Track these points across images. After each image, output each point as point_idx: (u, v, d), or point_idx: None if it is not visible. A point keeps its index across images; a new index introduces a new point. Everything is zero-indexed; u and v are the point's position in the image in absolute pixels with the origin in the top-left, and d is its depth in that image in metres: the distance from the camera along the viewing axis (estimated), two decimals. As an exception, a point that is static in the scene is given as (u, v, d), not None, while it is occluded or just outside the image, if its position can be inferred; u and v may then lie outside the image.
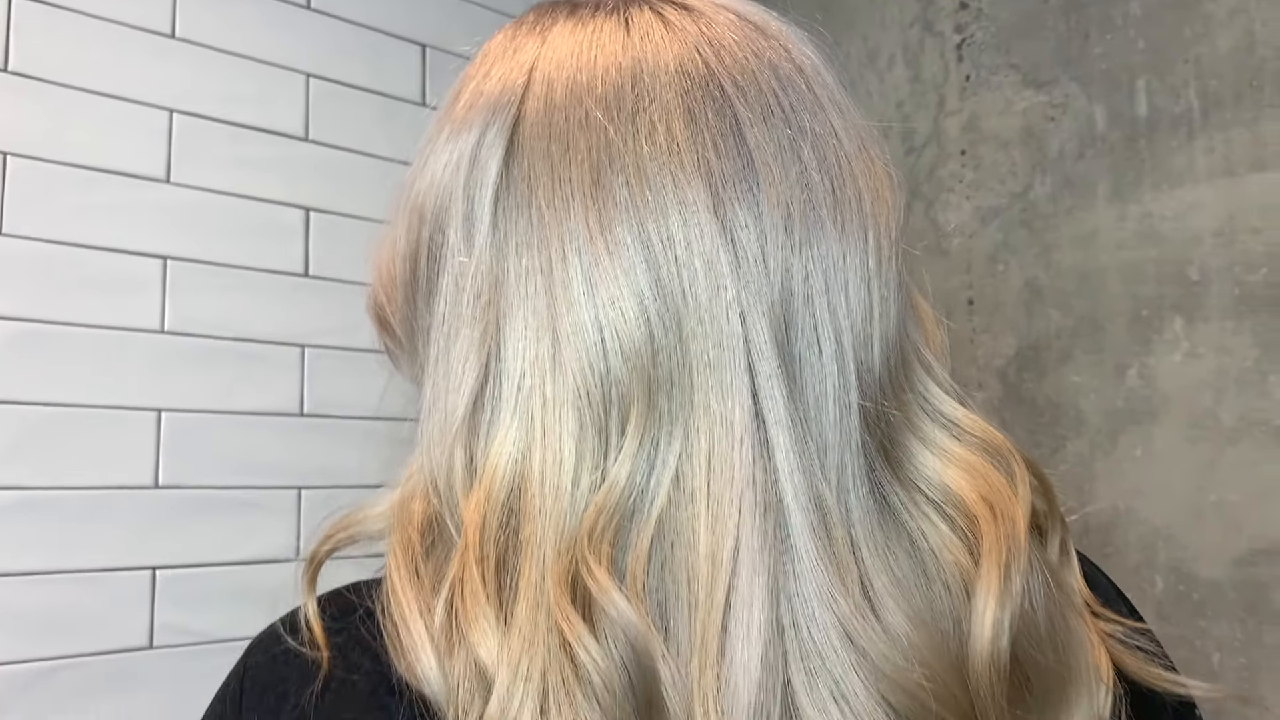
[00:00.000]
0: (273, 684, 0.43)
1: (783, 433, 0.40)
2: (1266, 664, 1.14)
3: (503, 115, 0.45)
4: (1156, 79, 1.26)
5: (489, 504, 0.40)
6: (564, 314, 0.41)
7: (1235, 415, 1.17)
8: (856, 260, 0.43)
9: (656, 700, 0.36)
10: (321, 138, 1.26)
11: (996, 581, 0.40)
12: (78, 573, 1.03)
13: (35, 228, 1.04)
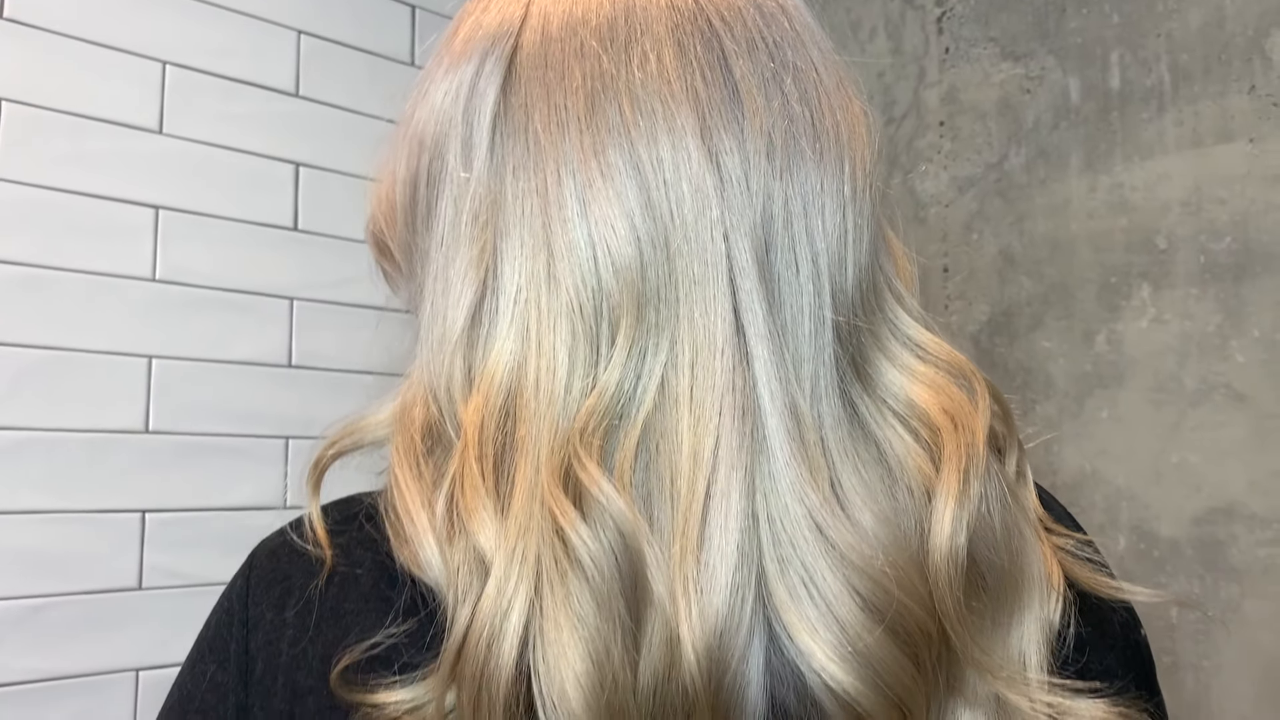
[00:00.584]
0: (278, 579, 0.45)
1: (761, 344, 0.42)
2: (1221, 617, 1.18)
3: (501, 46, 0.48)
4: (1129, 53, 1.30)
5: (487, 407, 0.42)
6: (559, 232, 0.44)
7: (1197, 379, 1.21)
8: (833, 188, 0.46)
9: (641, 581, 0.39)
10: (312, 94, 1.27)
11: (956, 484, 0.43)
12: (70, 513, 1.05)
13: (28, 173, 1.06)
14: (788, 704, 0.40)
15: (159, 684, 1.10)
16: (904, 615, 0.40)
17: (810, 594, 0.40)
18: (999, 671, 0.43)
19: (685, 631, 0.38)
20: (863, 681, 0.39)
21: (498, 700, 0.38)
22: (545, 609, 0.38)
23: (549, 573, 0.39)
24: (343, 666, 0.40)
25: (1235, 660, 1.17)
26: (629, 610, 0.39)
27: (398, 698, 0.40)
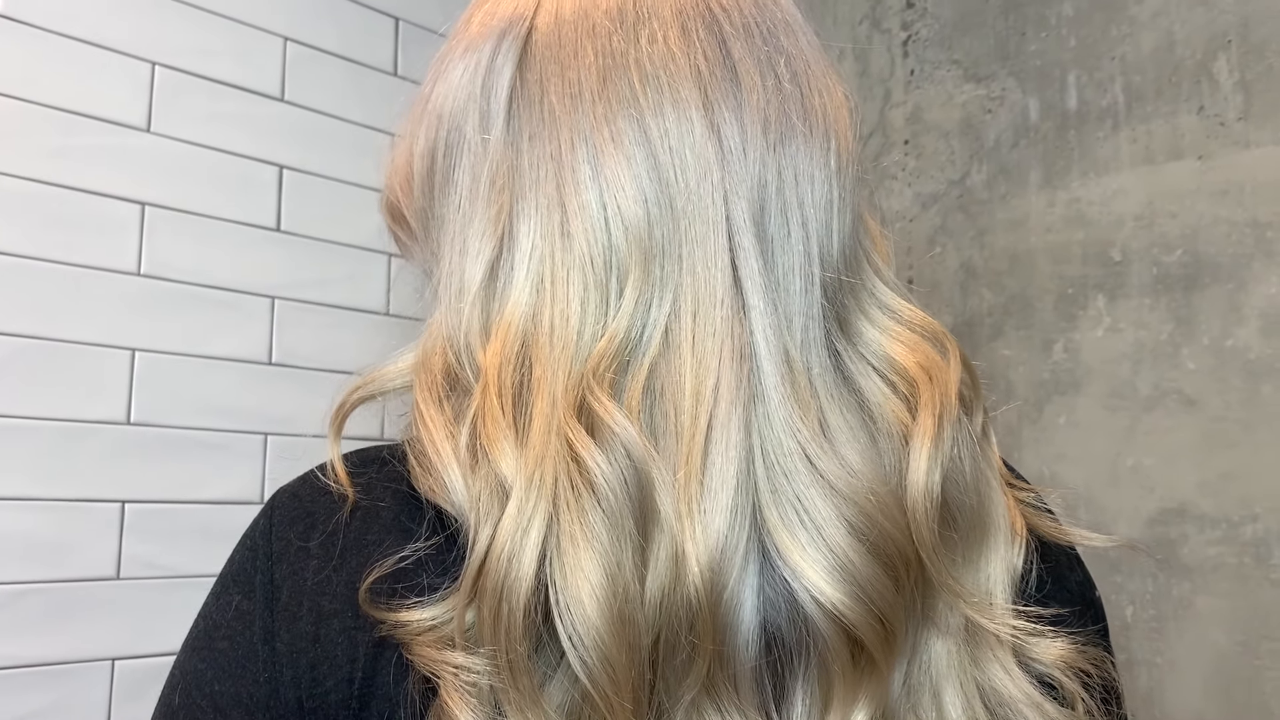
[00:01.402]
0: (301, 515, 0.48)
1: (757, 297, 0.47)
2: (1173, 615, 1.24)
3: (517, 28, 0.52)
4: (1086, 74, 1.37)
5: (504, 351, 0.46)
6: (572, 193, 0.48)
7: (1150, 385, 1.27)
8: (820, 161, 0.50)
9: (650, 502, 0.43)
10: (296, 99, 1.31)
11: (931, 427, 0.47)
12: (51, 501, 1.07)
13: (19, 165, 1.08)
14: (780, 627, 0.44)
15: (134, 673, 1.11)
16: (885, 540, 0.45)
17: (801, 519, 0.44)
18: (969, 598, 0.47)
19: (690, 548, 0.42)
20: (849, 596, 0.43)
21: (517, 610, 0.41)
22: (562, 527, 0.42)
23: (565, 495, 0.43)
24: (367, 587, 0.44)
25: (1186, 656, 1.22)
26: (638, 528, 0.43)
27: (420, 616, 0.43)
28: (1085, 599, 0.57)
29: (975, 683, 0.48)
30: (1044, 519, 0.54)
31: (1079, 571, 0.59)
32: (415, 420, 0.47)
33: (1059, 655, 0.50)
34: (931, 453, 0.47)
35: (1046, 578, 0.53)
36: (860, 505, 0.44)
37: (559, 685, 0.42)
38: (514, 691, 0.41)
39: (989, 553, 0.50)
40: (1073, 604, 0.55)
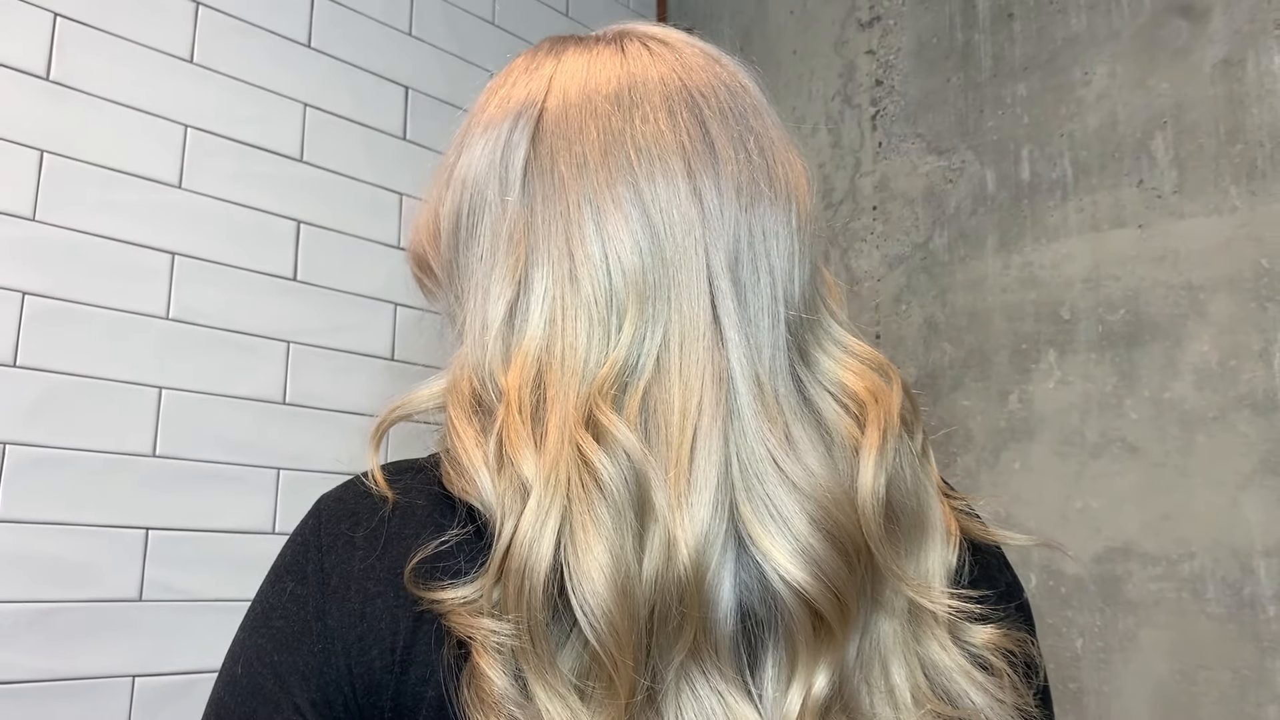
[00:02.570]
0: (346, 514, 0.56)
1: (733, 330, 0.56)
2: (1118, 646, 1.32)
3: (530, 111, 0.62)
4: (1038, 149, 1.48)
5: (523, 375, 0.55)
6: (579, 245, 0.57)
7: (1097, 433, 1.37)
8: (784, 220, 0.59)
9: (647, 497, 0.51)
10: (314, 160, 1.40)
11: (877, 440, 0.56)
12: (81, 526, 1.14)
13: (63, 217, 1.16)
14: (753, 603, 0.52)
15: (154, 690, 1.17)
16: (840, 530, 0.53)
17: (770, 512, 0.53)
18: (911, 582, 0.56)
19: (679, 535, 0.51)
20: (810, 576, 0.51)
21: (538, 586, 0.49)
22: (574, 518, 0.50)
23: (577, 491, 0.51)
24: (411, 570, 0.51)
25: (1131, 684, 1.30)
26: (637, 518, 0.51)
27: (455, 594, 0.51)
28: (1014, 599, 0.66)
29: (917, 656, 0.56)
30: (975, 523, 0.63)
31: (1009, 574, 0.67)
32: (449, 433, 0.55)
33: (988, 639, 0.58)
34: (878, 460, 0.55)
35: (979, 575, 0.61)
36: (819, 501, 0.53)
37: (571, 649, 0.50)
38: (533, 655, 0.49)
39: (928, 548, 0.58)
40: (1001, 599, 0.63)
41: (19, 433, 1.11)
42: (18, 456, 1.10)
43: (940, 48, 1.60)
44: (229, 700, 0.53)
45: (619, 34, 0.65)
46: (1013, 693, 0.57)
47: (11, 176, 1.13)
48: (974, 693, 0.56)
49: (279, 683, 0.52)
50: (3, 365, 1.11)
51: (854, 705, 0.54)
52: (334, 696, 0.51)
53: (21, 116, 1.15)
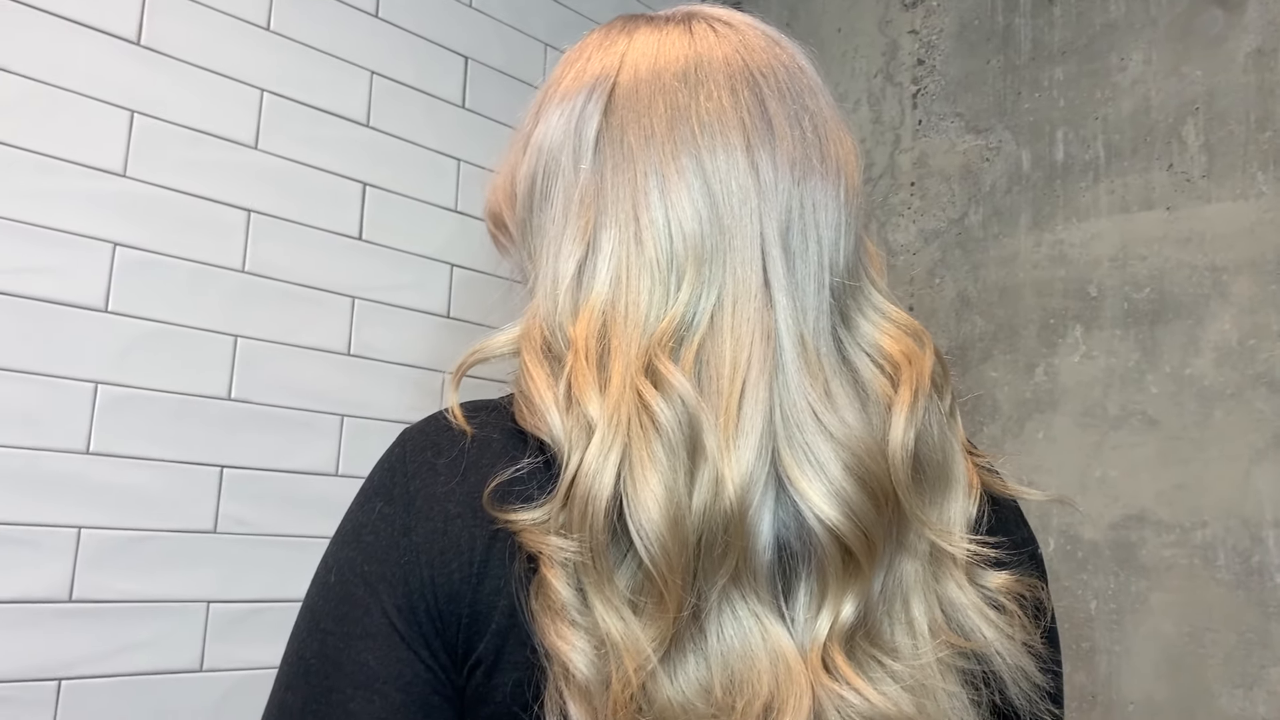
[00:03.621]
0: (429, 445, 0.62)
1: (781, 294, 0.60)
2: (1130, 609, 1.36)
3: (603, 85, 0.66)
4: (1072, 131, 1.50)
5: (590, 327, 0.60)
6: (644, 211, 0.62)
7: (1118, 406, 1.40)
8: (833, 194, 0.64)
9: (698, 438, 0.56)
10: (379, 126, 1.46)
11: (908, 398, 0.61)
12: (163, 462, 1.21)
13: (150, 174, 1.23)
14: (789, 538, 0.58)
15: (225, 615, 1.25)
16: (870, 476, 0.58)
17: (808, 458, 0.58)
18: (934, 527, 0.61)
19: (727, 473, 0.56)
20: (842, 515, 0.57)
21: (599, 511, 0.55)
22: (633, 454, 0.56)
23: (636, 430, 0.56)
24: (489, 493, 0.57)
25: (1141, 645, 1.34)
26: (689, 457, 0.56)
27: (527, 515, 0.56)
28: (1030, 552, 0.70)
29: (935, 593, 0.61)
30: (995, 478, 0.68)
31: (1025, 528, 0.72)
32: (523, 375, 0.61)
33: (1001, 583, 0.63)
34: (908, 416, 0.60)
35: (996, 525, 0.66)
36: (853, 450, 0.58)
37: (627, 569, 0.56)
38: (594, 571, 0.55)
39: (950, 498, 0.63)
40: (1016, 549, 0.68)
41: (110, 373, 1.18)
42: (108, 395, 1.18)
43: (981, 30, 1.62)
44: (323, 605, 0.59)
45: (687, 15, 0.70)
46: (1021, 631, 0.62)
47: (105, 135, 1.20)
48: (986, 628, 0.61)
49: (369, 589, 0.57)
50: (96, 310, 1.18)
51: (876, 633, 0.59)
52: (417, 603, 0.56)
53: (115, 79, 1.21)
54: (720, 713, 0.54)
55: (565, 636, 0.54)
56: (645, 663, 0.54)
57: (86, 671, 1.14)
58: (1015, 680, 0.61)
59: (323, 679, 0.57)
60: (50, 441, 1.14)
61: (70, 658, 1.13)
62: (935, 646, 0.59)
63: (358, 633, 0.57)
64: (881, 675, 0.58)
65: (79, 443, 1.15)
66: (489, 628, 0.56)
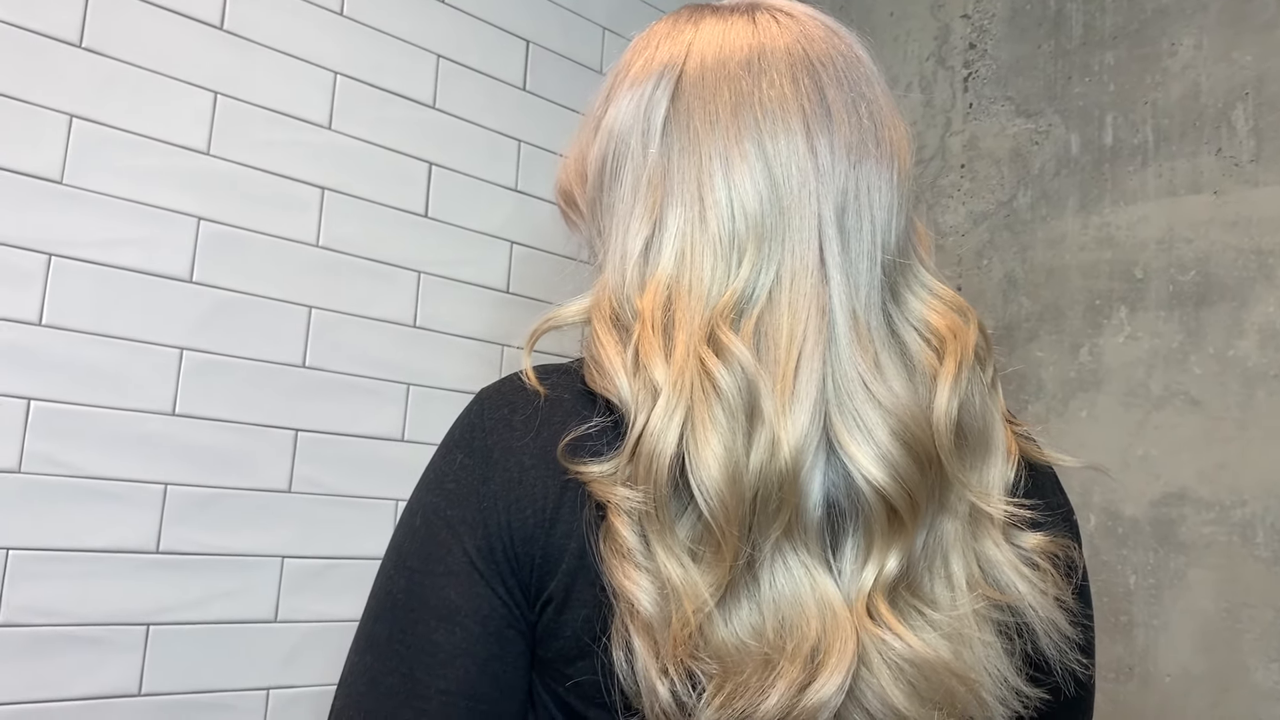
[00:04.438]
0: (504, 403, 0.67)
1: (836, 270, 0.65)
2: (1168, 584, 1.39)
3: (671, 72, 0.71)
4: (1121, 116, 1.52)
5: (656, 299, 0.64)
6: (709, 192, 0.66)
7: (1161, 386, 1.42)
8: (886, 177, 0.68)
9: (756, 404, 0.61)
10: (446, 108, 1.51)
11: (953, 369, 0.65)
12: (241, 424, 1.28)
13: (232, 152, 1.29)
14: (838, 498, 0.62)
15: (299, 570, 1.32)
16: (915, 441, 0.62)
17: (858, 424, 0.62)
18: (974, 489, 0.65)
19: (782, 436, 0.60)
20: (888, 477, 0.61)
21: (663, 467, 0.59)
22: (695, 416, 0.60)
23: (698, 394, 0.61)
24: (562, 447, 0.62)
25: (1178, 619, 1.37)
26: (747, 420, 0.60)
27: (596, 469, 0.61)
28: (1064, 516, 0.74)
29: (974, 550, 0.65)
30: (1032, 446, 0.72)
31: (1061, 494, 0.76)
32: (593, 341, 0.65)
33: (1036, 543, 0.67)
34: (952, 386, 0.64)
35: (1033, 490, 0.70)
36: (899, 417, 0.62)
37: (687, 520, 0.60)
38: (656, 520, 0.59)
39: (990, 463, 0.67)
40: (1054, 518, 0.71)
41: (193, 339, 1.25)
42: (191, 360, 1.24)
43: (1033, 15, 1.64)
44: (409, 545, 0.64)
45: (751, 5, 0.74)
46: (1054, 587, 0.66)
47: (190, 115, 1.26)
48: (1020, 583, 0.65)
49: (451, 532, 0.63)
50: (181, 281, 1.24)
51: (917, 585, 0.64)
52: (495, 544, 0.62)
53: (200, 62, 1.27)
54: (772, 652, 0.59)
55: (631, 577, 0.58)
56: (703, 605, 0.59)
57: (171, 618, 1.21)
58: (1046, 632, 0.64)
59: (408, 611, 0.62)
60: (139, 403, 1.21)
61: (157, 604, 1.20)
62: (972, 599, 0.63)
63: (440, 570, 0.62)
64: (922, 624, 0.62)
65: (166, 405, 1.22)
66: (560, 568, 0.61)
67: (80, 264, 1.17)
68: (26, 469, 1.12)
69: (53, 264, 1.15)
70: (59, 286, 1.16)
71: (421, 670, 0.61)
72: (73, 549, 1.15)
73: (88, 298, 1.18)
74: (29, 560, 1.12)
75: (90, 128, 1.19)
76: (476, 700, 0.62)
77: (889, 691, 0.59)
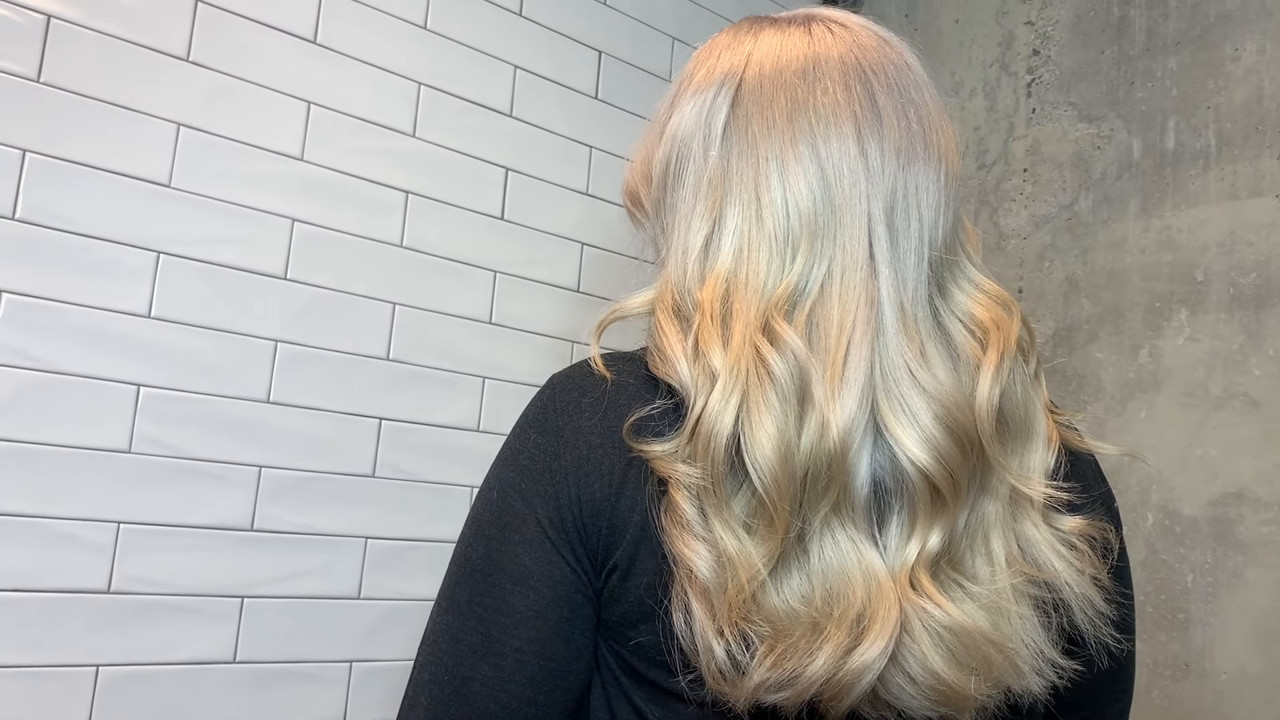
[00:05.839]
0: (572, 388, 0.71)
1: (885, 265, 0.68)
2: (1226, 582, 1.39)
3: (731, 81, 0.75)
4: (1184, 120, 1.52)
5: (715, 292, 0.69)
6: (765, 192, 0.70)
7: (1221, 387, 1.42)
8: (934, 178, 0.71)
9: (808, 389, 0.65)
10: (522, 116, 1.57)
11: (995, 359, 0.68)
12: (331, 412, 1.35)
13: (323, 158, 1.37)
14: (884, 479, 0.66)
15: (381, 550, 1.38)
16: (958, 426, 0.65)
17: (903, 409, 0.66)
18: (1015, 472, 0.68)
19: (831, 419, 0.64)
20: (932, 459, 0.64)
21: (720, 447, 0.64)
22: (750, 400, 0.64)
23: (753, 380, 0.65)
24: (627, 427, 0.67)
25: (1235, 617, 1.37)
26: (799, 404, 0.64)
27: (658, 447, 0.66)
28: (1106, 504, 0.77)
29: (1013, 530, 0.68)
30: (1074, 434, 0.75)
31: (1103, 483, 0.78)
32: (656, 330, 0.70)
33: (1074, 526, 0.70)
34: (994, 375, 0.67)
35: (1073, 475, 0.73)
36: (943, 403, 0.65)
37: (742, 496, 0.64)
38: (714, 495, 0.64)
39: (1031, 449, 0.70)
40: (1093, 502, 0.74)
41: (287, 332, 1.32)
42: (285, 352, 1.32)
43: (1097, 21, 1.65)
44: (487, 515, 0.70)
45: (807, 17, 0.78)
46: (1091, 566, 0.69)
47: (286, 123, 1.34)
48: (1056, 561, 0.68)
49: (525, 503, 0.68)
50: (276, 278, 1.32)
51: (959, 561, 0.67)
52: (565, 515, 0.67)
53: (295, 74, 1.35)
54: (820, 618, 0.63)
55: (690, 546, 0.63)
56: (756, 575, 0.63)
57: (263, 592, 1.29)
58: (1081, 607, 0.67)
59: (485, 575, 0.67)
60: (237, 391, 1.29)
61: (250, 579, 1.28)
62: (1010, 574, 0.66)
63: (515, 538, 0.67)
64: (961, 596, 0.65)
65: (261, 393, 1.30)
66: (625, 538, 0.66)
67: (185, 261, 1.26)
68: (136, 449, 1.21)
69: (161, 261, 1.24)
70: (166, 282, 1.24)
71: (497, 630, 0.66)
72: (176, 524, 1.23)
73: (192, 292, 1.26)
74: (137, 534, 1.20)
75: (196, 135, 1.27)
76: (547, 659, 0.67)
77: (929, 657, 0.63)
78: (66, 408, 1.17)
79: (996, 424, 0.68)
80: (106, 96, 1.21)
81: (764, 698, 0.63)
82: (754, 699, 0.63)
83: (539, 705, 0.67)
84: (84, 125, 1.20)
